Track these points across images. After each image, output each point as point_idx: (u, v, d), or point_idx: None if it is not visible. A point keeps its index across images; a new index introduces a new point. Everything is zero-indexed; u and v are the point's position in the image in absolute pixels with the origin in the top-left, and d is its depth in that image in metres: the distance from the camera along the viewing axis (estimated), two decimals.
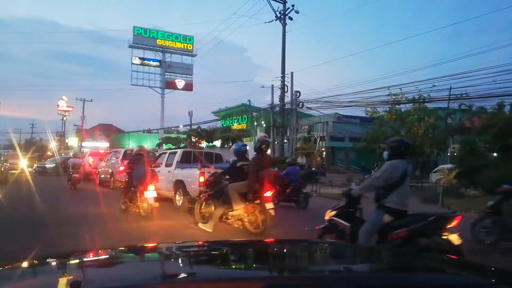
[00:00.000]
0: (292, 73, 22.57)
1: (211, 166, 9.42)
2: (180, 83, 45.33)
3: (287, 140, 25.57)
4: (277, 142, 25.42)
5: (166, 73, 44.56)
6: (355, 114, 33.61)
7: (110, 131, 52.93)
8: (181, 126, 42.36)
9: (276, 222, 6.68)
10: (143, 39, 43.15)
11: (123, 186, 9.20)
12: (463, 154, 13.07)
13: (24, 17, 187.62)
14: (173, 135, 38.35)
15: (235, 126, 39.03)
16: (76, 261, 1.61)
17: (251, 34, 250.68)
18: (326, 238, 4.46)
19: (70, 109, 56.41)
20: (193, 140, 30.82)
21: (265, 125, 36.06)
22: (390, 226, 4.03)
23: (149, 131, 47.18)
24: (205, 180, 7.57)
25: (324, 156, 28.98)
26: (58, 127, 59.00)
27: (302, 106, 21.91)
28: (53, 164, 24.76)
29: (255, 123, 38.88)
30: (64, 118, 56.97)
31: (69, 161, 15.99)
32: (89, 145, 41.96)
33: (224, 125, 38.71)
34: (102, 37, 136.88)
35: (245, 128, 39.57)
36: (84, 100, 52.15)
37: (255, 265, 1.67)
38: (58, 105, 55.77)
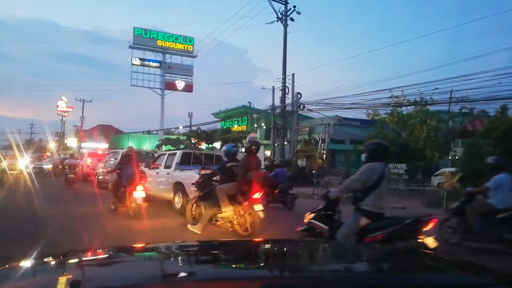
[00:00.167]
0: (293, 75, 22.43)
1: (212, 168, 9.22)
2: (180, 84, 45.18)
3: (287, 142, 25.37)
4: (278, 144, 25.22)
5: (166, 74, 44.40)
6: (356, 117, 33.53)
7: (109, 132, 52.75)
8: (181, 127, 42.21)
9: (266, 224, 6.54)
10: (143, 40, 43.01)
11: (113, 186, 9.34)
12: (467, 158, 12.87)
13: (24, 18, 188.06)
14: (173, 136, 38.14)
15: (235, 128, 38.83)
16: (75, 261, 1.61)
17: (252, 36, 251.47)
18: None
19: (70, 110, 56.45)
20: (193, 142, 30.60)
21: (265, 127, 35.91)
22: (367, 229, 4.03)
23: (149, 132, 47.04)
24: (195, 182, 7.49)
25: (325, 159, 28.80)
26: (58, 128, 59.01)
27: (303, 108, 21.71)
28: (51, 165, 24.12)
29: (255, 125, 38.74)
30: (64, 119, 56.98)
31: (66, 162, 16.20)
32: (88, 146, 41.81)
33: (224, 127, 38.54)
34: (102, 38, 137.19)
35: (245, 130, 39.41)
36: (84, 101, 52.11)
37: (255, 265, 1.68)
38: (58, 106, 55.77)
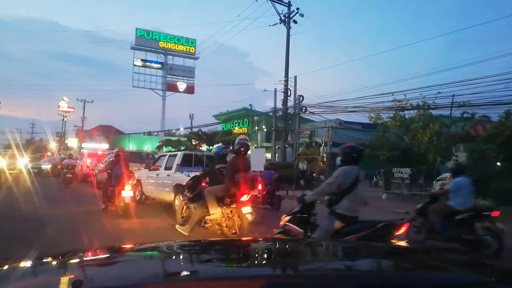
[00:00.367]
0: (296, 77, 22.26)
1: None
2: (182, 86, 45.15)
3: (288, 145, 25.22)
4: (279, 147, 25.08)
5: (168, 76, 44.39)
6: (357, 120, 33.44)
7: (110, 133, 52.71)
8: (182, 129, 42.13)
9: (254, 225, 6.47)
10: (146, 41, 43.04)
11: (103, 186, 9.59)
12: (471, 163, 12.72)
13: (25, 18, 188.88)
14: (174, 138, 38.08)
15: (236, 130, 38.74)
16: (76, 261, 1.60)
17: (254, 38, 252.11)
18: None
19: (71, 110, 56.47)
20: (194, 143, 30.51)
21: (266, 130, 35.79)
22: (341, 232, 4.04)
23: (150, 133, 46.98)
24: (185, 184, 7.45)
25: (326, 162, 28.64)
26: (58, 128, 59.05)
27: (305, 111, 21.57)
28: (49, 165, 23.58)
29: (256, 127, 38.63)
30: (65, 119, 56.97)
31: (64, 162, 16.37)
32: (89, 146, 41.76)
33: (225, 129, 38.46)
34: (103, 38, 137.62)
35: (246, 132, 39.34)
36: (85, 101, 52.06)
37: (256, 264, 1.68)
38: (59, 106, 55.76)
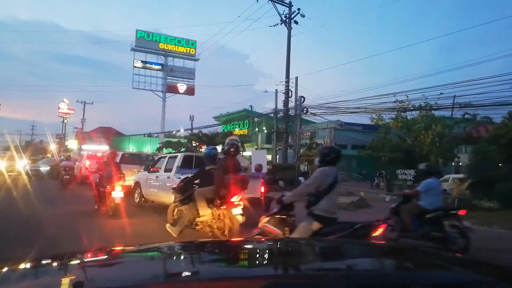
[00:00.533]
0: (297, 78, 22.08)
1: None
2: (182, 87, 45.02)
3: (289, 147, 25.03)
4: (279, 148, 24.88)
5: (168, 77, 44.25)
6: (358, 122, 33.27)
7: (110, 134, 52.56)
8: (182, 130, 41.99)
9: (244, 227, 6.30)
10: (146, 43, 42.93)
11: (95, 187, 9.87)
12: (475, 164, 12.53)
13: (26, 19, 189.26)
14: (174, 139, 37.93)
15: (237, 131, 38.61)
16: (77, 262, 1.61)
17: (254, 40, 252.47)
18: None
19: (71, 112, 56.36)
20: (194, 145, 30.32)
21: (267, 131, 35.63)
22: (319, 234, 4.03)
23: (150, 135, 46.83)
24: (176, 186, 7.39)
25: None
26: (59, 129, 58.95)
27: (307, 112, 21.37)
28: (48, 167, 23.13)
29: (257, 129, 38.48)
30: (65, 121, 56.85)
31: (62, 164, 16.57)
32: (89, 148, 41.62)
33: (226, 130, 38.30)
34: (103, 39, 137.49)
35: (247, 134, 39.19)
36: (85, 103, 51.95)
37: (255, 264, 1.68)
38: (59, 108, 55.65)
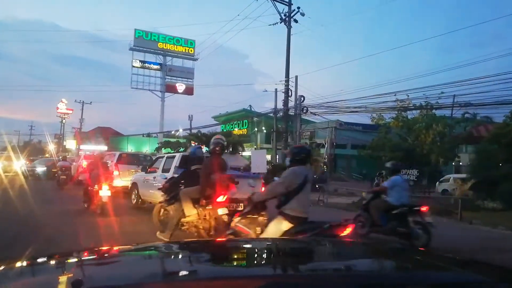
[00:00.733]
0: (297, 77, 21.89)
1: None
2: (181, 87, 44.74)
3: (288, 147, 24.84)
4: (279, 148, 24.68)
5: (167, 77, 43.93)
6: (358, 121, 33.10)
7: (109, 134, 52.31)
8: (181, 130, 41.74)
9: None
10: (144, 42, 42.61)
11: (84, 187, 10.16)
12: (478, 164, 12.36)
13: (25, 19, 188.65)
14: (173, 139, 37.76)
15: (236, 131, 38.40)
16: (76, 260, 1.61)
17: (254, 40, 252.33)
18: None
19: (70, 112, 56.10)
20: (193, 145, 30.11)
21: (266, 131, 35.43)
22: (289, 233, 4.00)
23: (149, 135, 46.59)
24: (162, 186, 7.36)
25: (327, 163, 28.29)
26: (57, 129, 58.66)
27: (307, 111, 21.19)
28: (44, 167, 22.84)
29: (256, 129, 38.29)
30: (63, 121, 56.57)
31: (58, 164, 16.68)
32: (87, 148, 41.39)
33: (225, 130, 38.09)
34: (102, 39, 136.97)
35: (246, 133, 39.00)
36: (83, 103, 51.70)
37: (254, 264, 1.67)
38: (58, 108, 55.39)
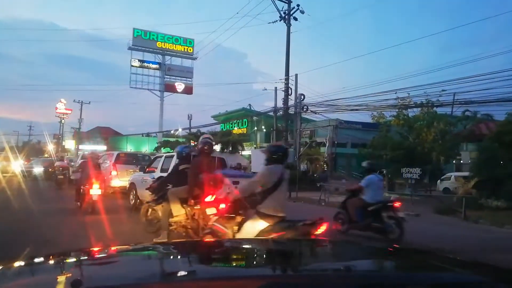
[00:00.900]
0: (297, 75, 21.73)
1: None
2: (180, 86, 44.57)
3: (288, 145, 24.72)
4: None
5: (166, 76, 43.76)
6: (359, 120, 32.91)
7: (108, 134, 52.14)
8: (180, 130, 41.56)
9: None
10: (143, 41, 42.42)
11: (76, 186, 10.28)
12: (482, 162, 12.22)
13: (24, 19, 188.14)
14: (172, 139, 37.59)
15: (235, 130, 38.25)
16: (75, 260, 1.61)
17: (253, 39, 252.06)
18: None
19: (69, 112, 55.90)
20: (193, 144, 29.98)
21: (266, 130, 35.28)
22: (265, 232, 3.96)
23: (148, 135, 46.44)
24: (150, 186, 7.33)
25: (328, 162, 28.16)
26: (56, 130, 58.46)
27: (307, 110, 21.04)
28: (41, 168, 22.39)
29: (256, 128, 38.14)
30: (63, 121, 56.38)
31: (56, 164, 16.67)
32: (86, 148, 41.23)
33: (224, 129, 37.93)
34: (101, 38, 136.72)
35: (245, 133, 38.85)
36: (82, 103, 51.51)
37: (254, 264, 1.65)
38: (57, 108, 55.21)
